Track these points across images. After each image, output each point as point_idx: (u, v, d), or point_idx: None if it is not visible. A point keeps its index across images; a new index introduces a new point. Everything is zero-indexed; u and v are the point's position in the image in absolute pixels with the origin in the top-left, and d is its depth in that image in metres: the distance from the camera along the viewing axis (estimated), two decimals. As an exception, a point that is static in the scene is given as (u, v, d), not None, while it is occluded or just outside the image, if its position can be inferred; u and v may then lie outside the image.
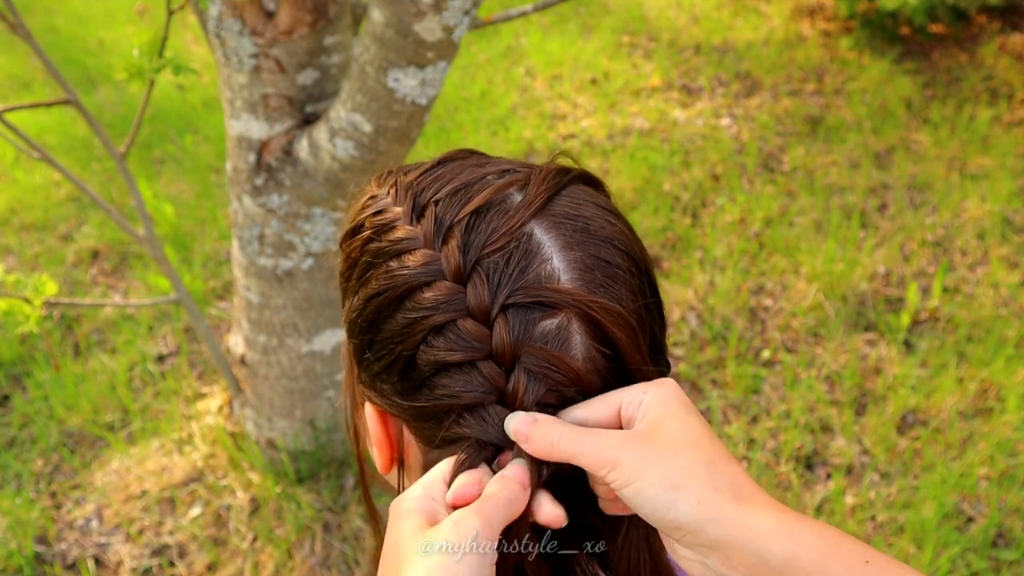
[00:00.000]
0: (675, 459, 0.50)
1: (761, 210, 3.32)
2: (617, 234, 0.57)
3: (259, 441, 2.27)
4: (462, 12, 1.42)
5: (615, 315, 0.53)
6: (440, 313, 0.53)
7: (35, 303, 1.62)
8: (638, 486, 0.50)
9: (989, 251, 3.09)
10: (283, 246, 1.92)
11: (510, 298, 0.53)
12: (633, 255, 0.57)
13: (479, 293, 0.53)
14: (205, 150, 3.95)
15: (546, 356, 0.52)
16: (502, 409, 0.53)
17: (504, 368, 0.53)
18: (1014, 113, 3.93)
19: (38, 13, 5.65)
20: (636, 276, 0.56)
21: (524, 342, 0.52)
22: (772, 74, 4.37)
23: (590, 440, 0.52)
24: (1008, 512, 2.18)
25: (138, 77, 1.59)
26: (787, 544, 0.47)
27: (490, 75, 4.50)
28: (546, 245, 0.54)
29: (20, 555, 2.11)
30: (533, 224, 0.55)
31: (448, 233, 0.55)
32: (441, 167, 0.60)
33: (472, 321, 0.53)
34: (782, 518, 0.49)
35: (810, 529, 0.48)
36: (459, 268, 0.53)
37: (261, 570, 2.07)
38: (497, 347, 0.52)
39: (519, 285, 0.53)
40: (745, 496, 0.50)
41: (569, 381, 0.53)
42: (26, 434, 2.51)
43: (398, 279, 0.55)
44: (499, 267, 0.53)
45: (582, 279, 0.54)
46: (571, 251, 0.54)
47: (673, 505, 0.49)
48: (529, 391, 0.52)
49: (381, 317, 0.56)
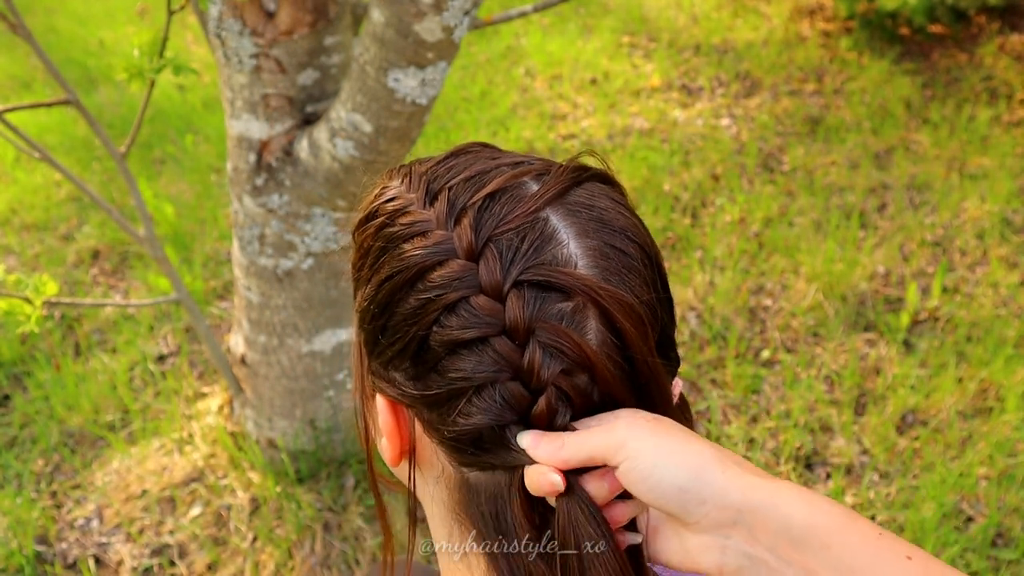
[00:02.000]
0: (687, 438, 0.51)
1: (761, 210, 3.32)
2: (631, 226, 0.57)
3: (259, 441, 2.27)
4: (462, 12, 1.42)
5: (626, 305, 0.53)
6: (452, 291, 0.53)
7: (36, 303, 1.62)
8: (655, 464, 0.49)
9: (988, 251, 3.10)
10: (283, 246, 1.92)
11: (523, 274, 0.52)
12: (646, 248, 0.57)
13: (491, 268, 0.52)
14: (205, 150, 3.95)
15: (561, 333, 0.51)
16: (517, 386, 0.52)
17: (518, 343, 0.52)
18: (1013, 113, 3.93)
19: (38, 13, 5.65)
20: (649, 269, 0.56)
21: (539, 318, 0.52)
22: (772, 74, 4.37)
23: (595, 430, 0.52)
24: (1007, 512, 2.18)
25: (138, 77, 1.59)
26: (807, 512, 0.47)
27: (490, 75, 4.51)
28: (562, 231, 0.54)
29: (20, 555, 2.12)
30: (548, 210, 0.55)
31: (461, 214, 0.55)
32: (455, 158, 0.60)
33: (484, 297, 0.52)
34: (799, 488, 0.49)
35: (825, 500, 0.48)
36: (471, 246, 0.53)
37: (261, 570, 2.07)
38: (511, 322, 0.52)
39: (533, 263, 0.53)
40: (756, 471, 0.50)
41: (584, 362, 0.52)
42: (27, 434, 2.52)
43: (410, 260, 0.55)
44: (513, 245, 0.53)
45: (598, 266, 0.54)
46: (587, 238, 0.54)
47: (697, 478, 0.49)
48: (545, 367, 0.52)
49: (394, 300, 0.56)
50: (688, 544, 0.51)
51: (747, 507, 0.48)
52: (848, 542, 0.47)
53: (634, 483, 0.50)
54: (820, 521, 0.47)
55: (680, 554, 0.52)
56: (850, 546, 0.46)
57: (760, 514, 0.48)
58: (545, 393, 0.52)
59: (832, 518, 0.47)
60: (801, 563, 0.47)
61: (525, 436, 0.53)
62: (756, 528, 0.48)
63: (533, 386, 0.52)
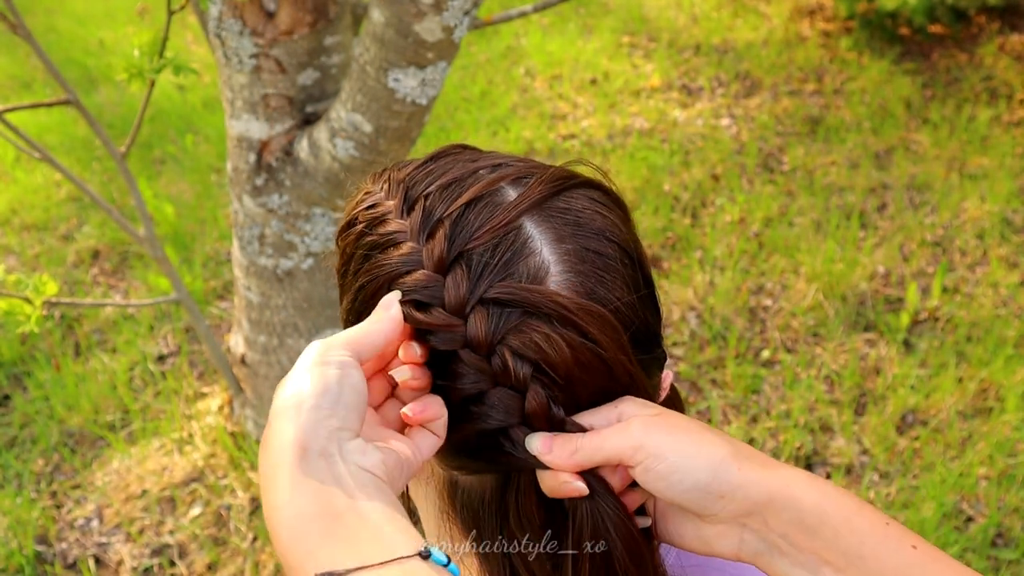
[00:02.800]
0: (701, 434, 0.52)
1: (761, 210, 3.32)
2: (609, 226, 0.56)
3: (259, 441, 2.27)
4: (462, 12, 1.42)
5: (596, 316, 0.52)
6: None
7: (36, 303, 1.62)
8: (673, 462, 0.50)
9: (988, 251, 3.10)
10: (283, 246, 1.92)
11: (489, 291, 0.52)
12: (626, 247, 0.57)
13: (458, 283, 0.52)
14: (205, 150, 3.95)
15: (528, 341, 0.51)
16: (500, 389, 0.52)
17: (483, 355, 0.52)
18: (1013, 113, 3.93)
19: (38, 13, 5.65)
20: (629, 267, 0.56)
21: (504, 331, 0.52)
22: (772, 74, 4.37)
23: (609, 432, 0.52)
24: (1007, 512, 2.18)
25: (138, 77, 1.59)
26: (818, 500, 0.50)
27: (490, 75, 4.51)
28: (536, 238, 0.54)
29: (21, 554, 2.12)
30: (524, 218, 0.55)
31: (436, 225, 0.55)
32: (434, 162, 0.60)
33: (442, 311, 0.53)
34: (810, 477, 0.51)
35: (836, 489, 0.51)
36: (442, 259, 0.53)
37: (261, 570, 2.07)
38: (471, 338, 0.52)
39: (502, 277, 0.52)
40: (768, 462, 0.52)
41: (556, 363, 0.51)
42: (27, 434, 2.52)
43: (382, 271, 0.55)
44: (483, 258, 0.53)
45: (572, 270, 0.53)
46: (562, 244, 0.54)
47: (716, 476, 0.50)
48: (519, 367, 0.51)
49: (367, 309, 0.56)
50: (704, 532, 0.53)
51: (762, 502, 0.50)
52: (857, 530, 0.48)
53: (652, 482, 0.51)
54: (830, 509, 0.49)
55: (696, 540, 0.54)
56: (858, 534, 0.48)
57: (776, 506, 0.50)
58: (530, 390, 0.52)
59: (841, 507, 0.49)
60: (812, 549, 0.49)
61: (535, 439, 0.52)
62: (770, 517, 0.50)
63: (514, 386, 0.52)
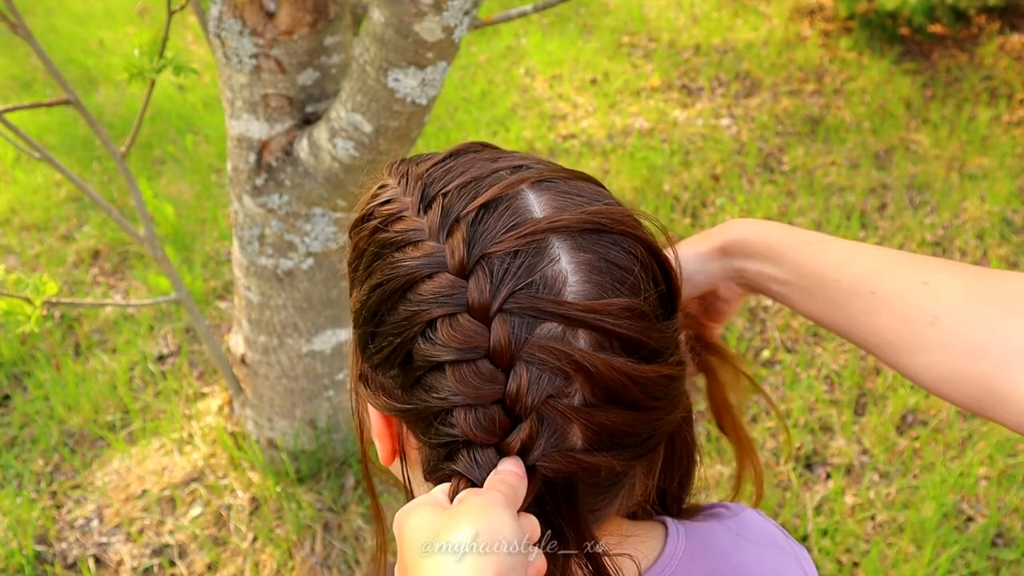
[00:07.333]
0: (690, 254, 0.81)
1: (761, 210, 3.32)
2: (626, 223, 0.56)
3: (259, 441, 2.27)
4: (462, 12, 1.42)
5: (617, 323, 0.52)
6: (439, 307, 0.52)
7: (36, 303, 1.62)
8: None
9: (988, 251, 3.10)
10: (283, 246, 1.92)
11: (510, 299, 0.51)
12: (643, 241, 0.57)
13: (481, 288, 0.51)
14: (205, 150, 3.95)
15: (552, 351, 0.50)
16: (498, 410, 0.51)
17: (502, 368, 0.51)
18: (1013, 113, 3.93)
19: (38, 13, 5.65)
20: (647, 269, 0.56)
21: (525, 341, 0.51)
22: (772, 74, 4.37)
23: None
24: (1007, 512, 2.18)
25: (138, 77, 1.59)
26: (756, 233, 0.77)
27: (490, 75, 4.51)
28: (555, 244, 0.53)
29: (20, 554, 2.12)
30: (544, 222, 0.54)
31: (454, 225, 0.54)
32: (453, 159, 0.59)
33: (469, 317, 0.51)
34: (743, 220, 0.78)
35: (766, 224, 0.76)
36: (463, 261, 0.52)
37: (261, 570, 2.07)
38: (495, 345, 0.51)
39: (523, 284, 0.52)
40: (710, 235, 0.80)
41: (578, 371, 0.51)
42: (26, 434, 2.52)
43: (400, 270, 0.54)
44: (504, 263, 0.52)
45: (590, 281, 0.53)
46: (581, 252, 0.54)
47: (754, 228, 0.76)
48: (532, 391, 0.50)
49: (384, 307, 0.55)
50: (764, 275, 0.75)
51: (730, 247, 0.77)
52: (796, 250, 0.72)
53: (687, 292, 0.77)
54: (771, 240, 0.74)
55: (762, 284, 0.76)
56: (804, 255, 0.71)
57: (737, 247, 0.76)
58: (528, 420, 0.51)
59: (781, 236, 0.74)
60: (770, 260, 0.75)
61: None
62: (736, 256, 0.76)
63: (516, 412, 0.51)
